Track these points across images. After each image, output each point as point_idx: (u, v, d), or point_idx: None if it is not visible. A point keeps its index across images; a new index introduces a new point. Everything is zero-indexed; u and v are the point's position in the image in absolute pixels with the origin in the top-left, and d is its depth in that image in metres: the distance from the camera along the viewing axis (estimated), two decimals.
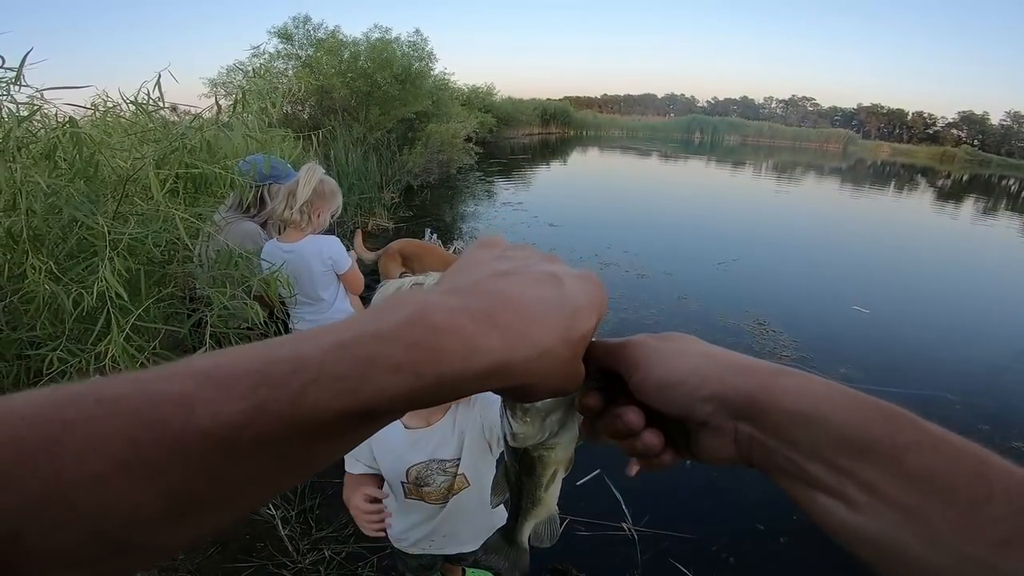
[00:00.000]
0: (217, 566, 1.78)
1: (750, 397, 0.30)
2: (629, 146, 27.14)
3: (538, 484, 0.43)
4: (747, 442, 0.31)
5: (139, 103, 1.39)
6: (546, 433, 0.39)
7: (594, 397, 0.38)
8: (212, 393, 0.22)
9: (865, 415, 0.27)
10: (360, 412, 0.24)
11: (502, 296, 0.29)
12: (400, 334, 0.25)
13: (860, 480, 0.26)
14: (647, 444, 0.35)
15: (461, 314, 0.26)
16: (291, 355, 0.23)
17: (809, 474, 0.28)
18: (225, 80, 7.99)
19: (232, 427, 0.21)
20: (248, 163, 1.91)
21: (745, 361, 0.33)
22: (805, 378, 0.30)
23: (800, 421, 0.28)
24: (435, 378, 0.25)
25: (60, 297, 1.16)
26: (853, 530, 0.27)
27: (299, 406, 0.22)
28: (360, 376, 0.23)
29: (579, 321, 0.31)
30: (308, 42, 8.28)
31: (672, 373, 0.33)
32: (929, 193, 17.81)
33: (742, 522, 2.17)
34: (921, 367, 3.75)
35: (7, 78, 1.30)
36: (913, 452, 0.25)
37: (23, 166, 1.22)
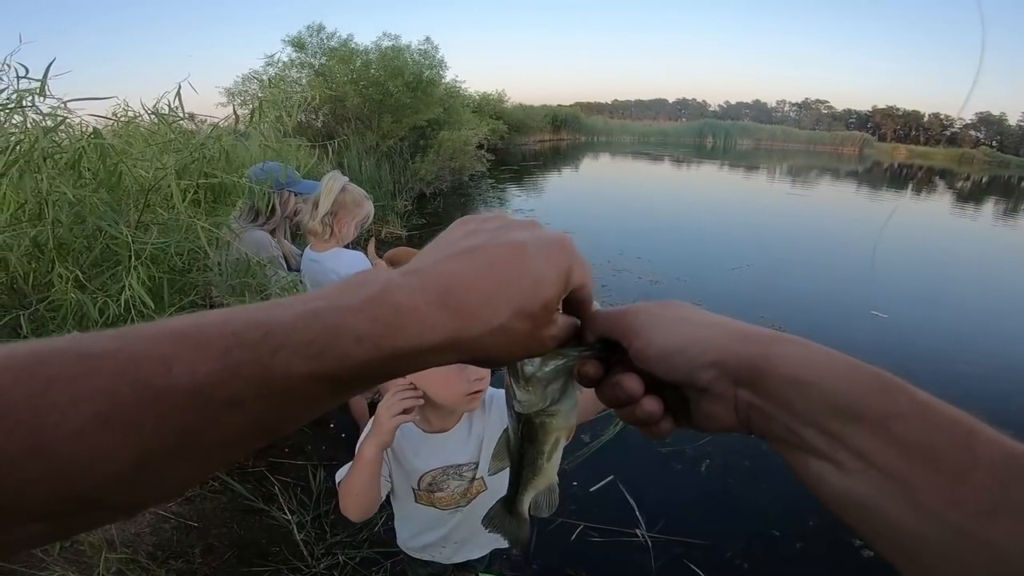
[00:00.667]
0: (233, 570, 1.79)
1: (750, 363, 0.31)
2: (640, 151, 27.07)
3: (540, 452, 0.45)
4: (746, 408, 0.31)
5: (160, 113, 1.42)
6: (548, 400, 0.41)
7: (592, 365, 0.38)
8: (189, 353, 0.23)
9: (859, 383, 0.28)
10: (326, 377, 0.25)
11: (456, 277, 0.30)
12: (364, 308, 0.27)
13: (851, 446, 0.27)
14: (646, 411, 0.36)
15: (418, 294, 0.29)
16: (265, 319, 0.25)
17: (803, 439, 0.29)
18: (241, 89, 8.13)
19: (207, 386, 0.22)
20: (263, 171, 1.94)
21: (746, 328, 0.34)
22: (804, 345, 0.31)
23: (796, 387, 0.29)
24: (392, 351, 0.27)
25: (86, 305, 1.18)
26: (842, 494, 0.27)
27: (269, 368, 0.24)
28: (326, 343, 0.25)
29: (538, 292, 0.32)
30: (321, 51, 8.39)
31: (673, 340, 0.34)
32: (948, 195, 17.50)
33: (757, 528, 2.14)
34: (941, 373, 3.68)
35: (32, 89, 1.33)
36: (903, 420, 0.26)
37: (49, 176, 1.25)
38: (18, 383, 0.20)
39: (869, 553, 1.99)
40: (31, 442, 0.19)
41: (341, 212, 1.94)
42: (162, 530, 1.91)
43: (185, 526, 1.93)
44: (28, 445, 0.19)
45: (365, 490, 1.02)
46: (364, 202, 2.01)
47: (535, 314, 0.32)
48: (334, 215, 1.93)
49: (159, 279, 1.29)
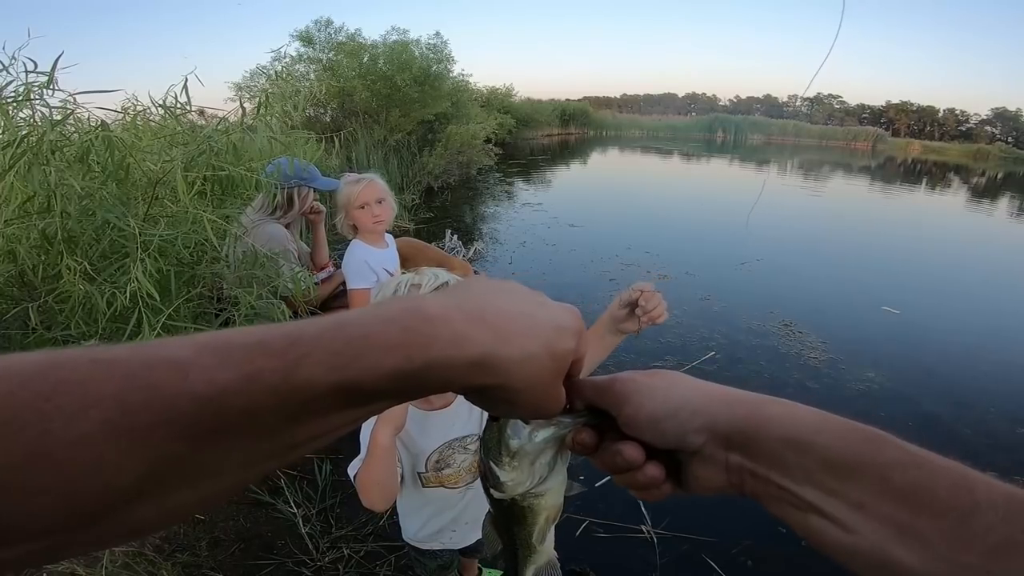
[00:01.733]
0: (239, 563, 1.81)
1: (739, 427, 0.32)
2: (649, 146, 26.89)
3: (530, 533, 0.42)
4: (738, 471, 0.32)
5: (168, 107, 1.42)
6: (535, 478, 0.39)
7: (588, 434, 0.38)
8: (209, 360, 0.22)
9: (850, 438, 0.29)
10: (350, 387, 0.24)
11: (493, 303, 0.31)
12: (395, 317, 0.27)
13: (850, 500, 0.27)
14: (649, 476, 0.36)
15: (454, 310, 0.28)
16: (290, 330, 0.24)
17: (800, 498, 0.29)
18: (249, 84, 8.17)
19: (224, 394, 0.21)
20: (274, 166, 1.95)
21: (732, 393, 0.35)
22: (790, 406, 0.32)
23: (789, 446, 0.30)
24: (424, 362, 0.26)
25: (94, 297, 1.19)
26: (848, 549, 0.28)
27: (291, 377, 0.23)
28: (354, 352, 0.24)
29: (562, 338, 0.33)
30: (329, 45, 8.39)
31: (662, 407, 0.35)
32: (963, 191, 17.25)
33: (763, 525, 2.12)
34: (954, 370, 3.63)
35: (40, 82, 1.34)
36: (899, 469, 0.27)
37: (57, 169, 1.26)
38: (26, 386, 0.19)
39: None
40: (35, 447, 0.19)
41: (343, 209, 1.99)
42: None
43: (192, 519, 1.95)
44: (32, 450, 0.19)
45: (387, 477, 1.01)
46: (343, 190, 1.99)
47: (560, 356, 0.32)
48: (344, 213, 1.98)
49: (166, 271, 1.30)
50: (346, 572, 1.79)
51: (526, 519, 0.41)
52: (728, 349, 3.63)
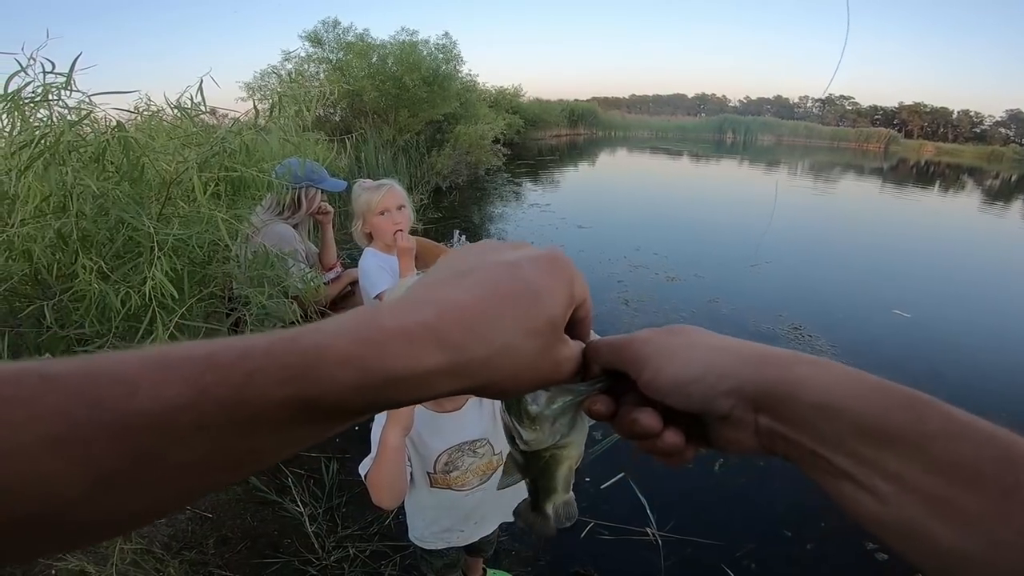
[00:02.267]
0: (245, 561, 1.82)
1: (770, 389, 0.30)
2: (658, 147, 26.80)
3: (551, 477, 0.43)
4: (768, 434, 0.30)
5: (183, 108, 1.44)
6: (557, 436, 0.39)
7: (603, 402, 0.36)
8: (157, 375, 0.22)
9: (888, 404, 0.27)
10: (305, 402, 0.24)
11: (450, 300, 0.29)
12: (348, 332, 0.26)
13: (886, 470, 0.26)
14: (669, 444, 0.34)
15: (409, 316, 0.27)
16: (240, 345, 0.24)
17: (833, 465, 0.28)
18: (260, 84, 8.23)
19: (172, 408, 0.21)
20: (285, 166, 1.96)
21: (761, 351, 0.32)
22: (826, 366, 0.29)
23: (822, 412, 0.28)
24: (382, 375, 0.25)
25: (109, 296, 1.21)
26: (882, 520, 0.27)
27: (242, 392, 0.22)
28: (305, 365, 0.24)
29: (542, 306, 0.31)
30: (338, 45, 8.44)
31: (685, 370, 0.32)
32: (976, 194, 17.03)
33: (769, 529, 2.12)
34: (964, 374, 3.58)
35: (58, 83, 1.36)
36: (940, 441, 0.25)
37: (74, 169, 1.28)
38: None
39: (883, 556, 1.95)
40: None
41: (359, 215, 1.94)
42: (177, 521, 1.94)
43: (200, 517, 1.97)
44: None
45: (397, 477, 1.02)
46: (361, 195, 1.95)
47: (541, 331, 0.30)
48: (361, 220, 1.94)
49: (180, 270, 1.31)
50: (351, 571, 1.80)
51: (549, 468, 0.42)
52: None
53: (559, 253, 0.34)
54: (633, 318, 4.06)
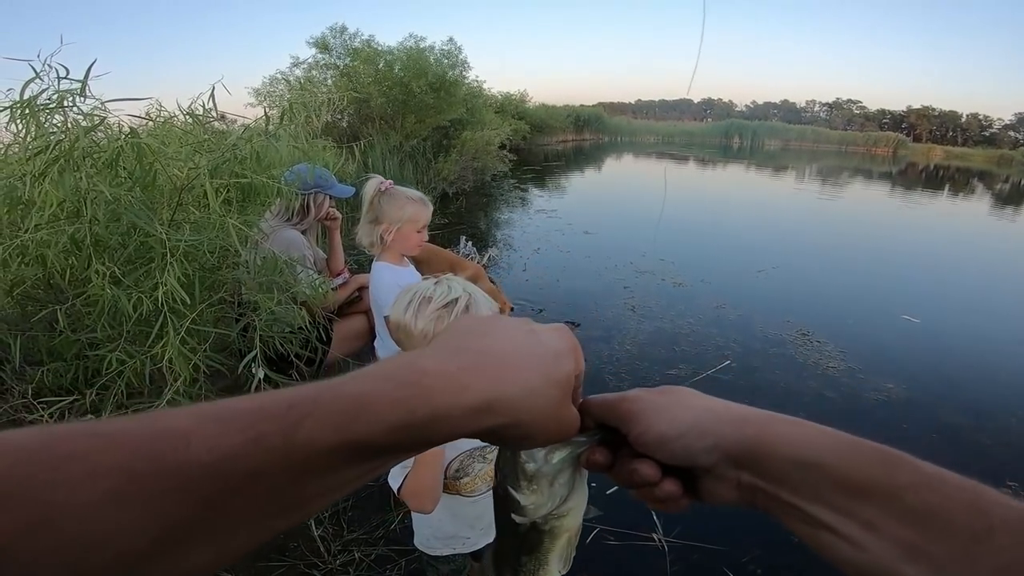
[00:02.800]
0: (250, 565, 1.81)
1: (748, 447, 0.32)
2: (664, 152, 26.75)
3: (543, 563, 0.41)
4: (749, 488, 0.33)
5: (195, 114, 1.46)
6: (556, 499, 0.38)
7: (601, 452, 0.38)
8: (211, 428, 0.23)
9: (861, 458, 0.29)
10: (355, 446, 0.25)
11: (485, 347, 0.32)
12: (392, 375, 0.28)
13: (861, 519, 0.28)
14: (667, 493, 0.37)
15: (448, 360, 0.30)
16: (289, 395, 0.25)
17: (810, 516, 0.30)
18: (269, 90, 8.30)
19: (228, 459, 0.22)
20: (294, 173, 1.97)
21: (742, 411, 0.35)
22: (800, 424, 0.32)
23: (798, 466, 0.30)
24: (427, 413, 0.27)
25: (121, 301, 1.22)
26: (858, 566, 0.28)
27: (293, 439, 0.24)
28: (355, 410, 0.25)
29: (560, 363, 0.34)
30: (345, 51, 8.49)
31: (671, 427, 0.35)
32: (986, 198, 16.88)
33: (775, 535, 2.09)
34: (975, 380, 3.54)
35: (73, 89, 1.38)
36: (912, 492, 0.27)
37: (88, 175, 1.30)
38: (29, 461, 0.20)
39: None
40: (36, 518, 0.19)
41: (381, 219, 1.77)
42: None
43: None
44: (36, 518, 0.19)
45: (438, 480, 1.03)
46: (406, 204, 1.80)
47: (561, 384, 0.33)
48: (375, 223, 1.77)
49: (192, 275, 1.33)
50: (357, 575, 1.80)
51: (543, 544, 0.40)
52: (743, 358, 3.59)
53: (565, 327, 0.38)
54: (639, 324, 4.05)
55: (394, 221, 1.78)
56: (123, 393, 1.50)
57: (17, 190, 1.38)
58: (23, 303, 1.61)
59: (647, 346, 3.66)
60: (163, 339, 1.25)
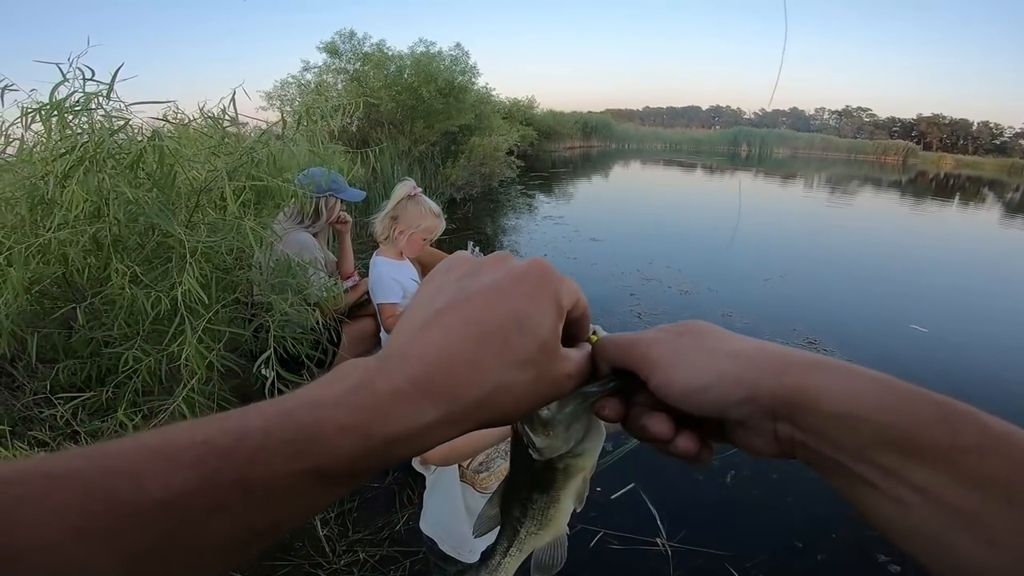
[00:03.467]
0: (256, 564, 1.81)
1: (788, 398, 0.28)
2: (672, 159, 26.75)
3: (554, 500, 0.40)
4: (788, 440, 0.29)
5: (215, 118, 1.49)
6: (572, 442, 0.37)
7: (611, 406, 0.35)
8: (160, 465, 0.22)
9: (917, 414, 0.25)
10: (313, 473, 0.24)
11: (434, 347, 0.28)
12: (344, 400, 0.26)
13: (911, 481, 0.25)
14: (682, 450, 0.33)
15: (398, 376, 0.27)
16: (236, 425, 0.24)
17: (854, 474, 0.27)
18: (280, 94, 8.39)
19: (184, 495, 0.22)
20: (307, 176, 2.00)
21: (779, 357, 0.30)
22: (847, 372, 0.28)
23: (843, 421, 0.26)
24: (383, 438, 0.26)
25: (140, 300, 1.25)
26: (905, 529, 0.26)
27: (249, 471, 0.23)
28: (307, 440, 0.24)
29: (530, 336, 0.29)
30: (355, 56, 8.55)
31: (696, 377, 0.31)
32: (996, 207, 16.73)
33: (780, 539, 2.10)
34: (983, 390, 3.52)
35: (100, 92, 1.41)
36: (974, 455, 0.24)
37: (111, 176, 1.33)
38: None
39: (896, 568, 1.93)
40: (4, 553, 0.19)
41: (401, 219, 1.90)
42: None
43: None
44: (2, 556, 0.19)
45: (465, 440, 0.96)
46: (428, 216, 1.95)
47: (533, 359, 0.29)
48: (394, 219, 1.91)
49: (209, 276, 1.36)
50: (361, 575, 1.81)
51: (556, 483, 0.39)
52: None
53: (540, 265, 0.33)
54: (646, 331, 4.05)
55: (411, 225, 1.91)
56: (137, 391, 1.53)
57: (40, 190, 1.41)
58: (40, 301, 1.64)
59: None
60: (179, 338, 1.27)
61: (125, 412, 1.40)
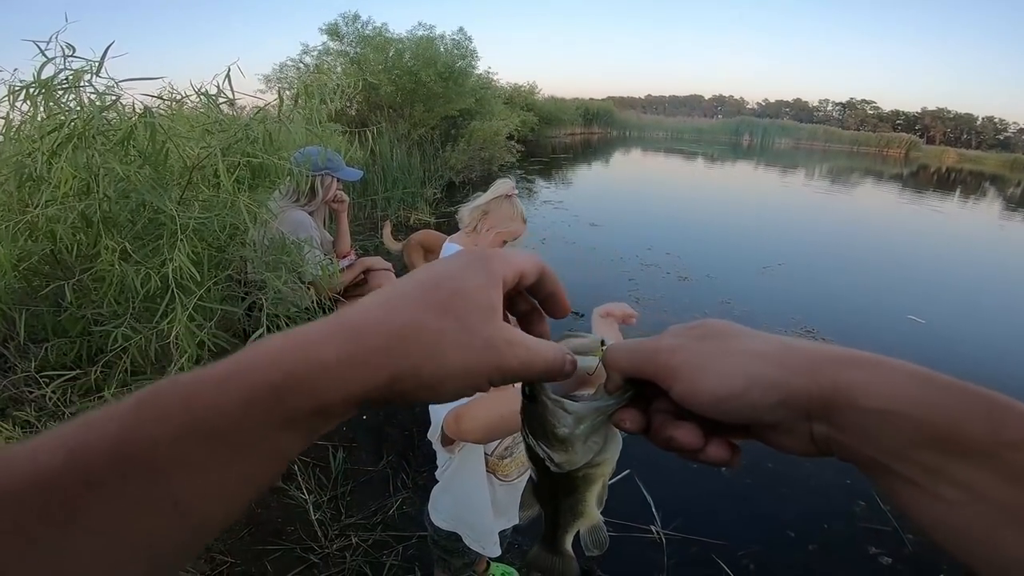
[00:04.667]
0: (247, 547, 1.82)
1: (823, 398, 0.27)
2: (673, 148, 26.61)
3: (581, 499, 0.40)
4: (824, 440, 0.28)
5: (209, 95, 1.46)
6: (591, 454, 0.36)
7: (631, 418, 0.33)
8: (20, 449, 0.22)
9: (958, 408, 0.25)
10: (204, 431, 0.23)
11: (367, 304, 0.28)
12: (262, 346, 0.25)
13: (955, 479, 0.24)
14: (714, 458, 0.32)
15: (321, 325, 0.27)
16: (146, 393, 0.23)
17: (895, 472, 0.26)
18: (279, 76, 8.29)
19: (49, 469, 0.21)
20: (303, 154, 1.97)
21: (810, 356, 0.29)
22: (886, 368, 0.27)
23: (882, 418, 0.26)
24: (281, 380, 0.24)
25: (130, 277, 1.22)
26: (949, 527, 0.25)
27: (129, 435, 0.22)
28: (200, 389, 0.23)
29: (448, 284, 0.29)
30: (356, 39, 8.47)
31: (724, 384, 0.29)
32: (997, 202, 16.71)
33: (773, 530, 2.11)
34: (981, 381, 3.47)
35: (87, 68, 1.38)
36: (1022, 450, 0.23)
37: (100, 152, 1.30)
38: None
39: (887, 560, 1.94)
40: None
41: (492, 215, 1.87)
42: None
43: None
44: None
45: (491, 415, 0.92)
46: (517, 220, 1.92)
47: (449, 305, 0.28)
48: (485, 213, 1.87)
49: (201, 253, 1.33)
50: (353, 560, 1.81)
51: (578, 490, 0.39)
52: None
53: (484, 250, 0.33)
54: (643, 317, 4.02)
55: (500, 224, 1.89)
56: (127, 371, 1.51)
57: (27, 167, 1.38)
58: (28, 278, 1.62)
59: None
60: (170, 316, 1.25)
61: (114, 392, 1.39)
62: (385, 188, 6.52)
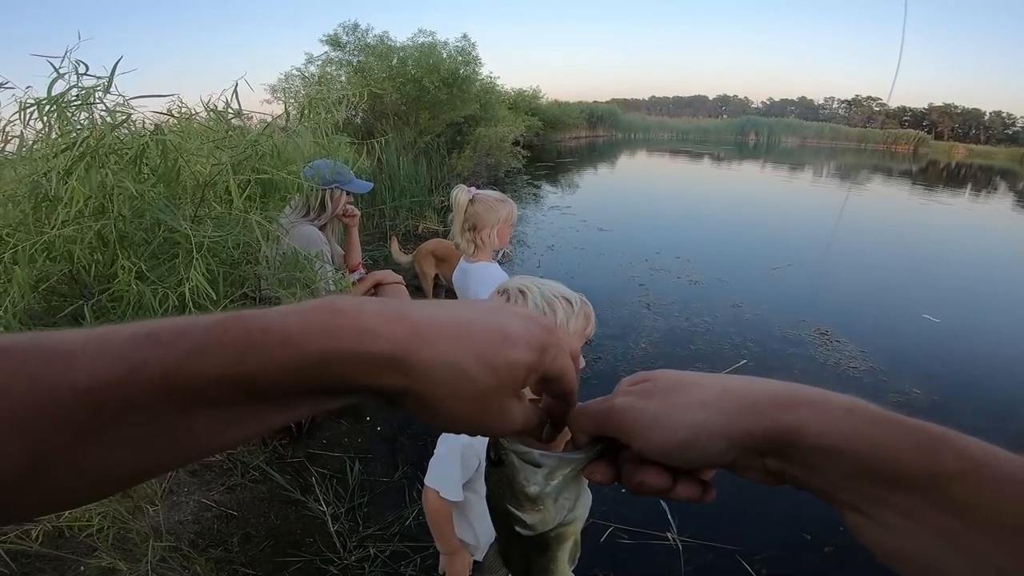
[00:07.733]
0: (268, 559, 1.84)
1: (770, 438, 0.29)
2: (679, 149, 26.56)
3: (552, 559, 0.40)
4: (779, 472, 0.30)
5: (218, 111, 1.47)
6: (563, 512, 0.37)
7: (601, 471, 0.36)
8: (94, 349, 0.21)
9: (896, 444, 0.26)
10: (241, 382, 0.23)
11: (426, 308, 0.29)
12: (299, 313, 0.25)
13: (896, 506, 0.26)
14: (685, 496, 0.34)
15: (370, 306, 0.26)
16: (183, 323, 0.23)
17: (841, 500, 0.28)
18: (285, 86, 8.37)
19: (105, 386, 0.21)
20: (312, 168, 1.98)
21: (749, 395, 0.31)
22: (823, 404, 0.28)
23: (826, 455, 0.27)
24: (319, 354, 0.24)
25: (147, 296, 1.23)
26: (892, 550, 0.27)
27: (176, 368, 0.22)
28: (248, 344, 0.23)
29: (506, 348, 0.29)
30: (358, 48, 8.52)
31: (675, 436, 0.31)
32: (1008, 197, 16.50)
33: (789, 534, 2.10)
34: (996, 381, 3.47)
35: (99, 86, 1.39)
36: (956, 482, 0.24)
37: (113, 171, 1.31)
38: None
39: None
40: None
41: (479, 224, 1.86)
42: (204, 519, 1.98)
43: (225, 515, 2.00)
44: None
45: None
46: (498, 205, 1.90)
47: (498, 368, 0.29)
48: (473, 229, 1.86)
49: (216, 271, 1.34)
50: (372, 571, 1.81)
51: (549, 549, 0.39)
52: (760, 357, 3.56)
53: (550, 321, 0.34)
54: (655, 322, 4.02)
55: (492, 224, 1.88)
56: None
57: (42, 187, 1.39)
58: (48, 298, 1.63)
59: (662, 344, 3.64)
60: None
61: None
62: (392, 198, 6.54)
